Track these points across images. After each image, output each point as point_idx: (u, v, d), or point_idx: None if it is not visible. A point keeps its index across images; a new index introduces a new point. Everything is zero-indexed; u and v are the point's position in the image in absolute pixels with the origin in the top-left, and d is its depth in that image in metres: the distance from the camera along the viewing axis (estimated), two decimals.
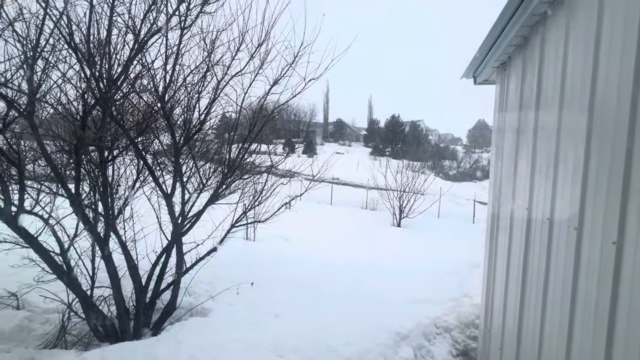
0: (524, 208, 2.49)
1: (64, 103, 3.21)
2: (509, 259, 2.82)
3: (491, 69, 3.28)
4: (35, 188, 3.50)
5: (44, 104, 3.17)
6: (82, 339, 3.62)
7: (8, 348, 3.25)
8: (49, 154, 3.13)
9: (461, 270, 6.31)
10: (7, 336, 3.39)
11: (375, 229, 11.47)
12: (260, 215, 4.52)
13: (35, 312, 3.80)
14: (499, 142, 3.21)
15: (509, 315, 2.79)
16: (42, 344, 3.41)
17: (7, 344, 3.32)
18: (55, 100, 3.19)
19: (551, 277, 2.06)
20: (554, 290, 2.01)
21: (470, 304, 4.63)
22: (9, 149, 3.22)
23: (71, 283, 3.39)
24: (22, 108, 2.94)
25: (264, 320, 3.95)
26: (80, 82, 3.12)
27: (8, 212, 3.08)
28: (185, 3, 3.08)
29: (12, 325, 3.48)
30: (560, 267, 1.92)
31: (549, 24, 2.22)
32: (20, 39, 2.87)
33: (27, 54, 2.87)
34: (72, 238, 3.61)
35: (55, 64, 2.99)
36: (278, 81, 3.84)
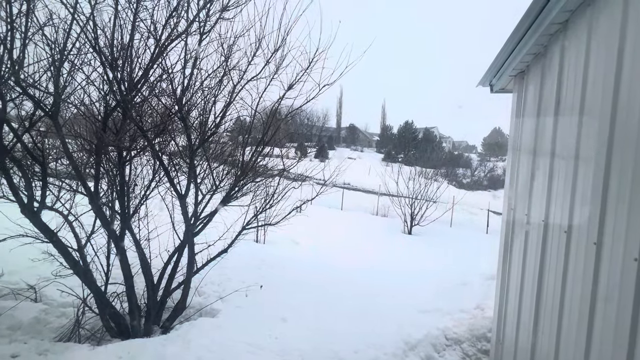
0: (540, 220, 2.42)
1: (86, 104, 3.33)
2: (524, 271, 2.74)
3: (508, 77, 3.23)
4: (57, 185, 3.64)
5: (68, 105, 3.30)
6: (95, 334, 3.70)
7: (25, 339, 3.36)
8: (70, 152, 3.25)
9: (473, 282, 6.16)
10: (25, 328, 3.51)
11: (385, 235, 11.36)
12: (271, 218, 4.55)
13: (51, 305, 3.92)
14: (515, 151, 3.15)
15: (522, 330, 2.71)
16: (57, 337, 3.50)
17: (24, 335, 3.44)
18: (79, 102, 3.32)
19: (567, 293, 2.00)
20: (571, 306, 1.94)
21: (482, 317, 4.51)
22: (34, 147, 3.36)
23: (86, 278, 3.48)
24: (47, 108, 3.07)
25: (271, 324, 3.95)
26: (102, 84, 3.23)
27: (31, 207, 3.21)
28: (205, 10, 3.17)
29: (29, 318, 3.60)
30: (578, 282, 1.86)
31: (569, 33, 2.18)
32: (49, 42, 3.01)
33: (55, 57, 3.00)
34: (90, 235, 3.72)
35: (80, 67, 3.12)
36: (292, 86, 3.88)
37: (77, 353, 3.00)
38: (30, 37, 2.93)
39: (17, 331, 3.44)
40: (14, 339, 3.29)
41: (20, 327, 3.47)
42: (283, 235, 7.76)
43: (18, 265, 4.16)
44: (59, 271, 3.61)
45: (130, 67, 3.13)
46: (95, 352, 2.96)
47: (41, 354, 3.05)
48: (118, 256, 3.63)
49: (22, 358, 2.93)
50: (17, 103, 3.18)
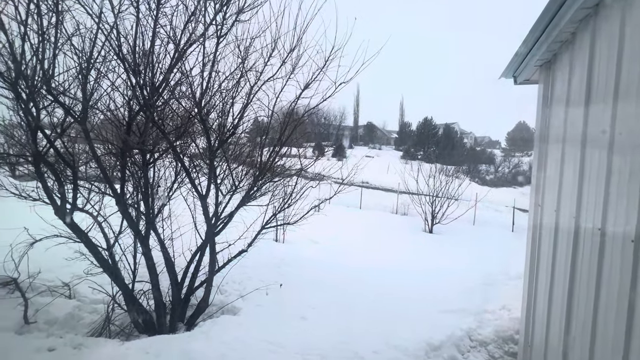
0: (570, 216, 2.30)
1: (112, 109, 3.47)
2: (554, 271, 2.61)
3: (533, 67, 3.08)
4: (87, 188, 3.82)
5: (95, 111, 3.45)
6: (124, 330, 3.86)
7: (61, 334, 3.56)
8: (98, 156, 3.40)
9: (499, 281, 5.94)
10: (61, 323, 3.71)
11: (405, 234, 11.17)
12: (289, 217, 4.58)
13: (84, 302, 4.13)
14: (542, 145, 3.00)
15: (553, 332, 2.58)
16: (89, 332, 3.68)
17: (60, 330, 3.63)
18: (105, 107, 3.46)
19: (603, 293, 1.88)
20: (607, 307, 1.82)
21: (509, 318, 4.34)
22: (65, 152, 3.54)
23: (115, 276, 3.64)
24: (77, 115, 3.23)
25: (291, 322, 3.98)
26: (126, 90, 3.36)
27: (64, 209, 3.39)
28: (221, 13, 3.22)
29: (64, 313, 3.80)
30: (615, 282, 1.74)
31: (600, 18, 2.04)
32: (76, 51, 3.16)
33: (82, 65, 3.15)
34: (117, 235, 3.88)
35: (106, 74, 3.25)
36: (309, 85, 3.88)
37: (108, 348, 3.13)
38: (59, 47, 3.09)
39: (54, 326, 3.64)
40: (50, 333, 3.48)
41: (56, 322, 3.67)
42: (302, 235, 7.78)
43: (53, 263, 4.40)
44: (90, 269, 3.79)
45: (151, 72, 3.24)
46: (124, 347, 3.08)
47: (76, 348, 3.21)
48: (144, 255, 3.76)
49: (58, 352, 3.09)
50: (49, 111, 3.37)
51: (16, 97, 3.14)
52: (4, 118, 3.57)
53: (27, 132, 3.34)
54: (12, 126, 3.67)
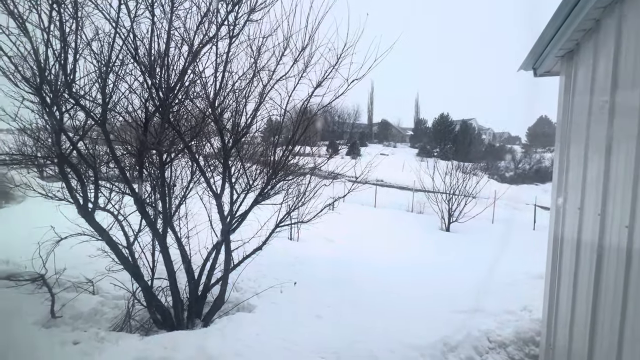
0: (595, 214, 2.19)
1: (130, 111, 3.57)
2: (577, 270, 2.50)
3: (554, 58, 2.95)
4: (108, 188, 3.96)
5: (114, 113, 3.56)
6: (144, 325, 3.98)
7: (85, 328, 3.71)
8: (117, 157, 3.51)
9: (519, 281, 5.75)
10: (85, 317, 3.86)
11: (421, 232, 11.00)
12: (303, 215, 4.59)
13: (106, 297, 4.28)
14: (564, 139, 2.87)
15: (577, 334, 2.47)
16: (111, 327, 3.82)
17: (84, 324, 3.79)
18: (123, 109, 3.57)
19: (631, 293, 1.78)
20: (636, 308, 1.73)
21: (530, 319, 4.19)
22: (87, 153, 3.68)
23: (135, 273, 3.76)
24: (97, 117, 3.35)
25: (306, 321, 3.99)
26: (143, 92, 3.45)
27: (86, 208, 3.52)
28: (233, 13, 3.25)
29: (88, 308, 3.96)
30: None
31: (627, 4, 1.93)
32: (96, 56, 3.27)
33: (101, 69, 3.25)
34: (137, 233, 4.00)
35: (123, 77, 3.35)
36: (321, 83, 3.87)
37: (128, 342, 3.24)
38: (80, 52, 3.20)
39: (78, 320, 3.79)
40: (75, 327, 3.63)
41: (80, 317, 3.82)
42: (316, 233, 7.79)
43: (77, 261, 4.58)
44: (112, 266, 3.92)
45: (167, 74, 3.31)
46: (144, 341, 3.18)
47: (99, 342, 3.34)
48: (162, 253, 3.86)
49: (82, 345, 3.22)
50: (71, 114, 3.50)
51: (41, 101, 3.29)
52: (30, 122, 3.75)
53: (51, 135, 3.49)
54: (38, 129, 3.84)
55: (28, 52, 3.13)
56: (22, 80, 3.17)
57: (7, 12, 3.01)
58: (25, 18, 3.03)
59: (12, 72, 3.15)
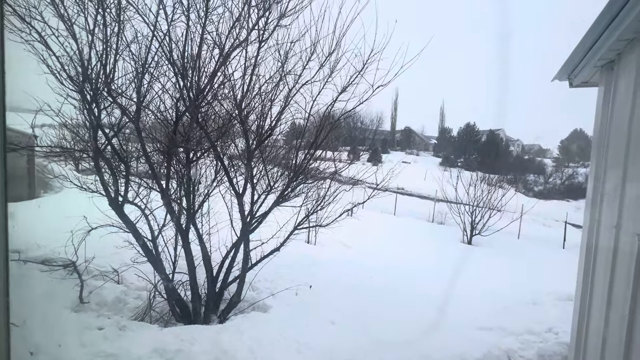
0: (634, 234, 2.05)
1: (161, 110, 3.74)
2: (611, 294, 2.34)
3: (592, 68, 2.81)
4: (137, 182, 4.15)
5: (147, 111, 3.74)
6: (163, 317, 4.11)
7: (109, 315, 3.88)
8: (148, 153, 3.68)
9: (545, 301, 5.45)
10: (109, 305, 4.05)
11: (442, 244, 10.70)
12: (322, 219, 4.59)
13: (130, 287, 4.46)
14: (601, 155, 2.72)
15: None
16: (133, 316, 3.97)
17: (108, 311, 3.97)
18: (156, 108, 3.74)
19: None
20: None
21: (556, 342, 3.96)
22: (121, 149, 3.88)
23: (157, 266, 3.90)
24: (131, 115, 3.53)
25: (320, 325, 3.97)
26: (175, 92, 3.61)
27: (116, 201, 3.71)
28: (264, 18, 3.34)
29: (113, 297, 4.14)
30: None
31: None
32: (133, 57, 3.46)
33: (138, 70, 3.44)
34: (161, 227, 4.15)
35: (157, 77, 3.52)
36: (346, 88, 3.88)
37: (148, 332, 3.36)
38: (120, 53, 3.40)
39: (103, 307, 3.98)
40: (100, 314, 3.81)
41: (105, 304, 4.01)
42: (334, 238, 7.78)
43: (105, 251, 4.81)
44: (136, 258, 4.09)
45: (198, 76, 3.44)
46: (163, 332, 3.28)
47: (121, 329, 3.48)
48: (183, 248, 3.99)
49: (106, 331, 3.37)
50: (109, 111, 3.72)
51: (82, 99, 3.51)
52: (71, 117, 4.01)
53: (89, 130, 3.71)
54: (77, 125, 4.10)
55: (74, 53, 3.36)
56: (67, 78, 3.40)
57: (58, 16, 3.26)
58: (73, 21, 3.27)
59: (58, 71, 3.39)
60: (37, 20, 3.25)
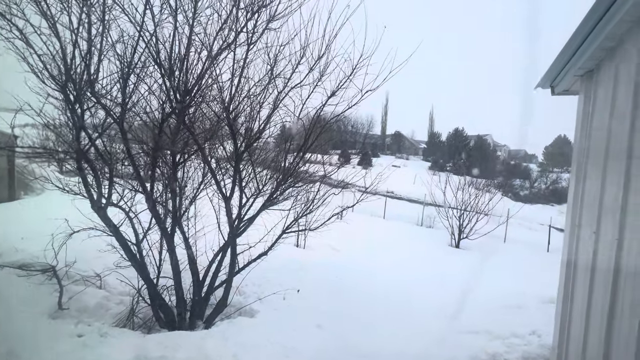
0: (612, 238, 2.11)
1: (147, 112, 3.67)
2: (591, 297, 2.39)
3: (573, 77, 2.90)
4: (121, 185, 4.05)
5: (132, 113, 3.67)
6: (147, 323, 4.01)
7: (90, 322, 3.76)
8: (132, 155, 3.60)
9: (529, 305, 5.55)
10: (90, 311, 3.92)
11: (430, 247, 10.79)
12: (311, 223, 4.58)
13: (112, 293, 4.34)
14: (581, 161, 2.80)
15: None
16: (115, 322, 3.86)
17: (89, 318, 3.84)
18: (141, 109, 3.67)
19: None
20: None
21: (539, 344, 4.03)
22: (104, 150, 3.79)
23: (141, 271, 3.81)
24: (116, 116, 3.46)
25: (307, 330, 3.94)
26: (161, 93, 3.55)
27: (100, 203, 3.61)
28: (252, 20, 3.33)
29: (94, 302, 4.02)
30: None
31: None
32: (119, 57, 3.39)
33: (123, 70, 3.37)
34: (146, 231, 4.06)
35: (143, 78, 3.46)
36: (335, 92, 3.89)
37: (130, 339, 3.27)
38: (104, 53, 3.33)
39: (84, 313, 3.85)
40: (80, 321, 3.69)
41: (86, 310, 3.88)
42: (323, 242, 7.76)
43: (88, 254, 4.68)
44: (120, 262, 3.99)
45: (185, 77, 3.40)
46: (146, 339, 3.20)
47: (102, 336, 3.38)
48: (169, 252, 3.91)
49: (86, 338, 3.27)
50: (92, 112, 3.63)
51: (65, 99, 3.42)
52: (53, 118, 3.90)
53: (72, 131, 3.61)
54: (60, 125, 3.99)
55: (56, 52, 3.28)
56: (49, 77, 3.31)
57: (41, 13, 3.18)
58: (56, 19, 3.19)
59: (40, 70, 3.30)
60: (18, 17, 3.16)
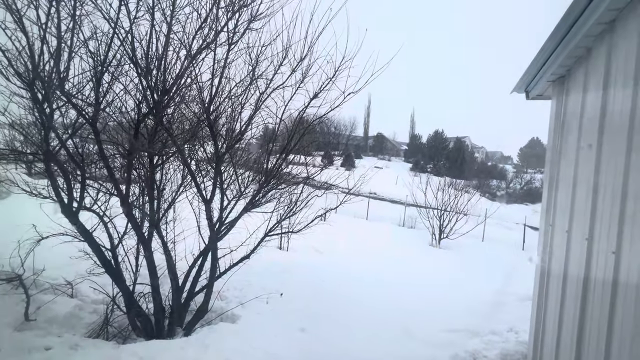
0: (583, 238, 2.20)
1: (122, 112, 3.53)
2: (564, 294, 2.49)
3: (546, 82, 3.02)
4: (95, 188, 3.87)
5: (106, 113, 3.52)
6: (122, 332, 3.84)
7: (60, 333, 3.55)
8: (107, 157, 3.45)
9: (507, 302, 5.74)
10: (60, 321, 3.71)
11: (412, 247, 10.98)
12: (294, 225, 4.54)
13: (85, 301, 4.13)
14: (554, 163, 2.91)
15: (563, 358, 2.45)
16: (87, 333, 3.67)
17: (59, 329, 3.63)
18: (116, 110, 3.52)
19: (617, 319, 1.77)
20: (621, 335, 1.71)
21: (516, 341, 4.16)
22: (76, 152, 3.61)
23: (117, 277, 3.64)
24: (88, 116, 3.29)
25: (291, 334, 3.90)
26: (137, 93, 3.42)
27: (70, 207, 3.43)
28: (233, 20, 3.27)
29: (65, 312, 3.81)
30: (630, 306, 1.64)
31: (617, 33, 1.99)
32: (92, 55, 3.24)
33: (96, 69, 3.22)
34: (122, 236, 3.90)
35: (118, 77, 3.32)
36: (318, 94, 3.88)
37: (103, 350, 3.11)
38: (75, 50, 3.17)
39: (53, 325, 3.64)
40: (49, 332, 3.48)
41: (56, 321, 3.67)
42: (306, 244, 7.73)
43: (58, 261, 4.43)
44: (93, 269, 3.80)
45: (163, 77, 3.29)
46: (120, 350, 3.05)
47: (72, 348, 3.20)
48: (146, 258, 3.76)
49: (54, 351, 3.08)
50: (63, 112, 3.45)
51: (32, 97, 3.23)
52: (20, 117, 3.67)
53: (40, 131, 3.42)
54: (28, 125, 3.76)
55: (23, 48, 3.09)
56: (14, 74, 3.11)
57: (5, 6, 2.98)
58: (23, 13, 3.00)
59: (4, 67, 3.10)
60: None
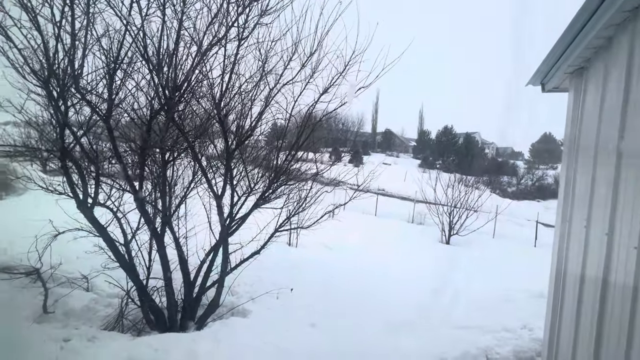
0: (602, 233, 2.14)
1: (135, 109, 3.57)
2: (582, 291, 2.43)
3: (563, 74, 2.93)
4: (108, 184, 3.94)
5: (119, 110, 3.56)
6: (136, 325, 3.92)
7: (77, 325, 3.65)
8: (120, 153, 3.50)
9: (519, 299, 5.65)
10: (77, 314, 3.81)
11: (421, 244, 10.90)
12: (303, 221, 4.54)
13: (100, 295, 4.23)
14: (571, 157, 2.83)
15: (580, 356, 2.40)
16: (103, 325, 3.76)
17: (76, 321, 3.73)
18: (129, 106, 3.57)
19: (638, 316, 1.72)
20: None
21: (530, 338, 4.10)
22: (90, 148, 3.67)
23: (130, 272, 3.71)
24: (102, 113, 3.35)
25: (301, 329, 3.92)
26: (149, 89, 3.45)
27: (85, 203, 3.50)
28: (244, 15, 3.27)
29: (81, 305, 3.90)
30: None
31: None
32: (105, 52, 3.28)
33: (109, 66, 3.26)
34: (135, 231, 3.96)
35: (130, 74, 3.36)
36: (327, 89, 3.86)
37: (119, 342, 3.18)
38: (89, 48, 3.21)
39: (70, 317, 3.74)
40: (67, 324, 3.58)
41: (73, 314, 3.77)
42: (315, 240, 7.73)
43: (74, 256, 4.54)
44: (108, 264, 3.88)
45: (174, 73, 3.31)
46: (135, 342, 3.12)
47: (89, 340, 3.28)
48: (158, 252, 3.82)
49: (73, 342, 3.16)
50: (77, 109, 3.51)
51: (47, 95, 3.29)
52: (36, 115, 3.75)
53: (55, 129, 3.48)
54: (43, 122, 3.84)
55: (38, 46, 3.14)
56: (30, 73, 3.18)
57: (21, 5, 3.04)
58: (37, 12, 3.05)
59: (21, 65, 3.16)
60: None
